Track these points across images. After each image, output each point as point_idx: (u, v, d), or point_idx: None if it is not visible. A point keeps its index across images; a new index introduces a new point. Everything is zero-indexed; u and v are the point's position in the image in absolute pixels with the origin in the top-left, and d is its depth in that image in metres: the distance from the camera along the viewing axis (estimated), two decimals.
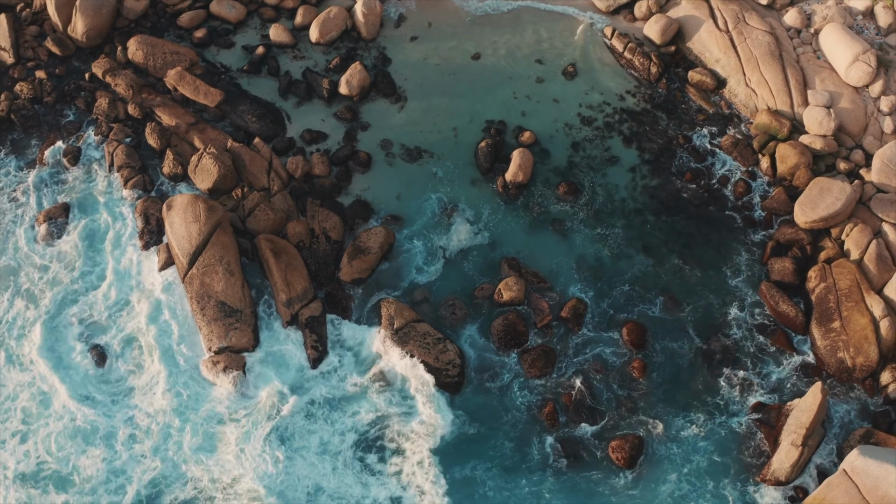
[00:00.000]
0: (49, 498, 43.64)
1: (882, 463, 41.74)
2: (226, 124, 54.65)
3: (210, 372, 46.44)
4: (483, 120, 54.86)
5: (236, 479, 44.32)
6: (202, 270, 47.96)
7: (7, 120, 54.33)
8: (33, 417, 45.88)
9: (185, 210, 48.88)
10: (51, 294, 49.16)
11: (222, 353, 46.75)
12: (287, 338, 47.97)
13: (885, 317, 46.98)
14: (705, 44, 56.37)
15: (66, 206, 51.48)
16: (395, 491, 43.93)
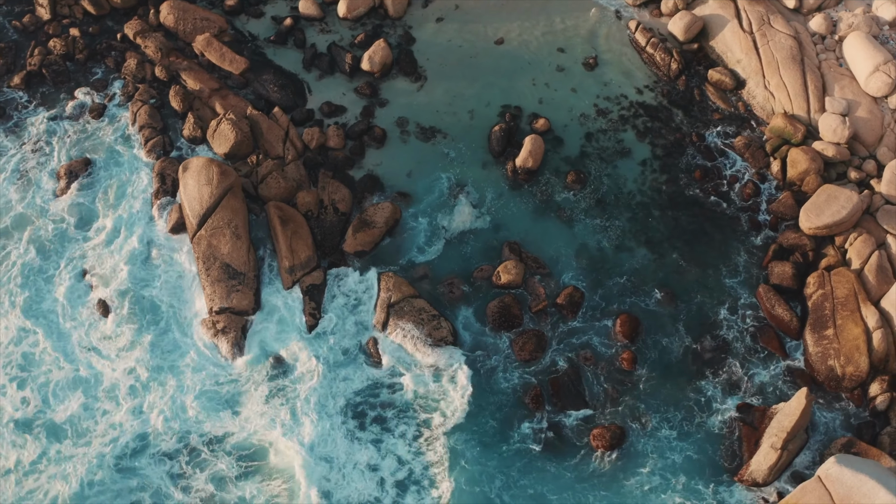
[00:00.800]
0: (41, 445, 44.88)
1: (857, 473, 41.53)
2: (248, 92, 55.58)
3: (209, 331, 47.46)
4: (500, 104, 55.09)
5: (226, 435, 45.26)
6: (210, 232, 48.91)
7: (39, 74, 55.76)
8: (34, 365, 47.17)
9: (200, 173, 49.88)
10: (63, 245, 50.44)
11: (223, 313, 47.70)
12: (286, 303, 48.89)
13: (879, 328, 46.56)
14: (728, 43, 55.96)
15: (87, 161, 52.81)
16: (373, 457, 44.49)
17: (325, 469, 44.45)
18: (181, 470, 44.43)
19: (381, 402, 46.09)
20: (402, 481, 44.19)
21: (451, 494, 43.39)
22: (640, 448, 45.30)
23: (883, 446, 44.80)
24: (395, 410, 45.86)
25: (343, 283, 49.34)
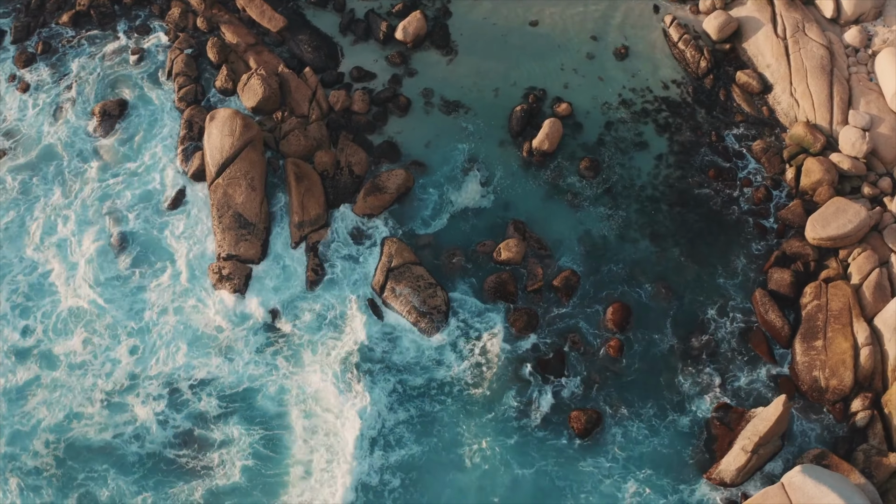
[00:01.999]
0: (36, 371, 46.69)
1: (820, 484, 41.18)
2: (283, 50, 56.34)
3: (214, 276, 48.69)
4: (526, 85, 54.98)
5: (215, 379, 46.61)
6: (227, 181, 49.97)
7: (86, 13, 57.26)
8: (41, 295, 48.85)
9: (224, 123, 50.81)
10: (87, 181, 52.04)
11: (230, 260, 48.86)
12: (292, 257, 49.87)
13: (868, 345, 45.84)
14: (760, 47, 55.03)
15: (122, 102, 54.22)
16: (358, 408, 45.53)
17: (311, 418, 45.72)
18: (167, 409, 45.68)
19: (371, 358, 46.85)
20: (375, 438, 44.96)
21: (412, 452, 44.50)
22: (613, 435, 45.46)
23: (856, 462, 44.24)
24: (382, 367, 46.64)
25: (347, 243, 50.42)
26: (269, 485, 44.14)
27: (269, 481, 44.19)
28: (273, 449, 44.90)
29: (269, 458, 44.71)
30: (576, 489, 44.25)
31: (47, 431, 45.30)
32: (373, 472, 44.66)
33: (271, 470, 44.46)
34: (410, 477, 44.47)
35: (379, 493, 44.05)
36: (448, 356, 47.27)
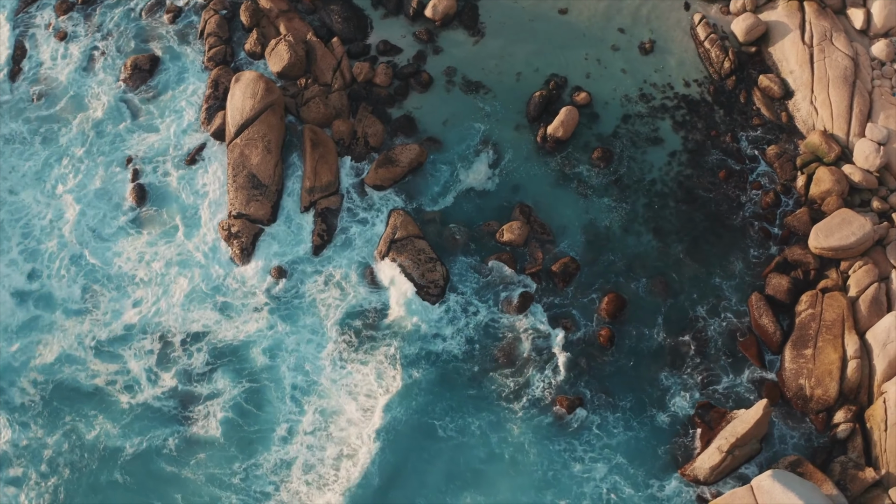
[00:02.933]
0: (35, 312, 48.21)
1: (788, 490, 40.94)
2: (314, 19, 56.70)
3: (223, 233, 49.61)
4: (548, 72, 54.68)
5: (209, 333, 47.74)
6: (244, 142, 50.70)
7: None
8: (51, 241, 50.20)
9: (247, 86, 51.51)
10: (113, 133, 53.22)
11: (240, 218, 49.74)
12: (299, 222, 50.55)
13: (856, 358, 45.20)
14: (785, 52, 54.03)
15: (153, 58, 55.31)
16: (348, 374, 46.56)
17: (303, 376, 46.67)
18: (160, 361, 46.92)
19: (366, 325, 47.58)
20: (368, 408, 45.80)
21: (395, 416, 45.43)
22: (592, 421, 45.57)
23: (832, 474, 43.82)
24: (376, 334, 47.32)
25: (356, 212, 50.98)
26: (251, 440, 45.19)
27: (251, 436, 45.26)
28: (258, 405, 45.88)
29: (253, 415, 45.70)
30: (546, 467, 44.71)
31: (37, 371, 46.70)
32: (355, 435, 45.37)
33: (254, 426, 45.42)
34: (388, 439, 45.12)
35: (352, 455, 44.79)
36: (442, 329, 47.77)
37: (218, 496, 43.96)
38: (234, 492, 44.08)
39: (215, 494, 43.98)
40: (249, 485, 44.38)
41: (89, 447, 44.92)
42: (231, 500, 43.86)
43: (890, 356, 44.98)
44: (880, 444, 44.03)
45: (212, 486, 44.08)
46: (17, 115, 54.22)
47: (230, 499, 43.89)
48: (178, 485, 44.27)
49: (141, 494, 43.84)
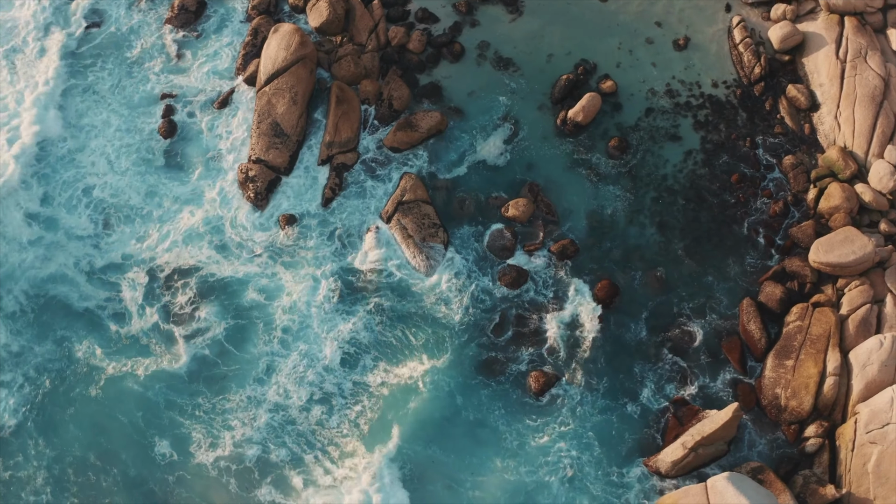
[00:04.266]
0: (41, 232, 49.56)
1: (740, 494, 40.56)
2: None
3: (241, 175, 50.44)
4: (579, 57, 54.10)
5: (209, 270, 48.71)
6: (273, 91, 51.36)
7: None
8: (73, 167, 51.42)
9: (283, 37, 52.13)
10: (152, 68, 54.30)
11: (258, 163, 50.54)
12: (315, 174, 51.16)
13: (835, 375, 44.35)
14: (818, 65, 52.59)
15: (200, 1, 55.96)
16: (342, 326, 47.16)
17: (293, 321, 47.50)
18: (150, 294, 48.05)
19: (362, 279, 48.19)
20: (350, 353, 46.63)
21: (374, 368, 46.31)
22: (565, 401, 45.67)
23: (794, 485, 43.28)
24: (370, 289, 47.96)
25: (369, 171, 51.25)
26: (225, 375, 46.35)
27: (229, 371, 46.48)
28: (241, 343, 46.99)
29: (235, 352, 46.83)
30: (512, 437, 45.04)
31: (35, 284, 48.18)
32: (332, 383, 46.24)
33: (234, 365, 46.67)
34: (364, 389, 46.01)
35: (323, 400, 45.76)
36: (433, 294, 48.04)
37: (180, 423, 45.18)
38: (200, 422, 45.23)
39: (176, 420, 45.19)
40: (213, 417, 45.44)
41: (73, 362, 46.46)
42: (192, 428, 45.10)
43: (868, 378, 44.12)
44: (846, 463, 43.30)
45: (172, 411, 45.28)
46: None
47: (192, 426, 45.11)
48: (145, 407, 45.57)
49: (109, 410, 45.22)
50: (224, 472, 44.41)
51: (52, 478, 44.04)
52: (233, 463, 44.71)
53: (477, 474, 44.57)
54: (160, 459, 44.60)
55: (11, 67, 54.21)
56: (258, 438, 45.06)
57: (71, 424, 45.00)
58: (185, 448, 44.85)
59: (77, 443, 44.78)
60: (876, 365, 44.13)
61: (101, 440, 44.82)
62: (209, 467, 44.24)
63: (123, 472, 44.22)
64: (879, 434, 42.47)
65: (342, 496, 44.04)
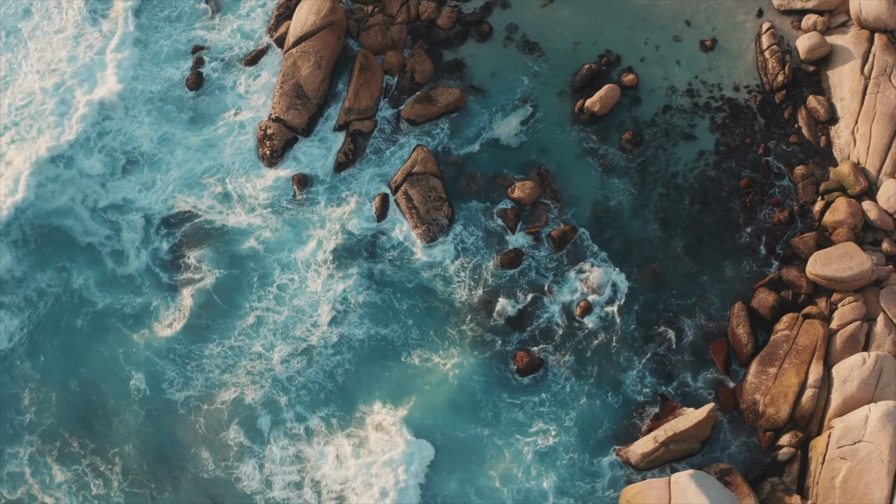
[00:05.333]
0: (56, 171, 50.80)
1: (701, 493, 40.33)
2: None
3: (259, 132, 51.01)
4: (604, 47, 53.44)
5: (213, 220, 49.44)
6: (299, 53, 51.73)
7: None
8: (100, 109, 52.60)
9: (315, 2, 52.24)
10: (184, 19, 54.86)
11: (277, 122, 51.04)
12: (331, 139, 51.47)
13: (815, 388, 43.74)
14: (841, 79, 51.38)
15: None
16: (337, 286, 47.77)
17: (292, 276, 48.27)
18: (148, 239, 49.01)
19: (364, 244, 48.62)
20: (340, 312, 47.24)
21: (363, 332, 46.79)
22: (547, 384, 45.71)
23: (761, 491, 42.92)
24: (371, 254, 48.41)
25: (384, 140, 51.40)
26: (209, 324, 47.24)
27: (216, 319, 47.44)
28: (231, 297, 47.86)
29: (229, 303, 47.65)
30: (488, 409, 45.34)
31: (40, 214, 49.31)
32: (318, 338, 46.85)
33: (222, 313, 47.50)
34: (344, 345, 46.56)
35: (305, 353, 46.49)
36: (430, 265, 48.29)
37: (156, 362, 46.26)
38: (175, 364, 46.28)
39: (153, 359, 46.27)
40: (190, 362, 46.49)
41: (69, 292, 47.70)
42: (167, 368, 46.19)
43: (846, 393, 43.37)
44: (814, 475, 42.74)
45: (150, 351, 46.38)
46: None
47: (166, 367, 46.21)
48: (127, 344, 46.68)
49: (93, 342, 46.54)
50: (194, 410, 45.43)
51: (35, 399, 45.54)
52: (204, 403, 45.67)
53: (448, 432, 45.02)
54: (134, 393, 45.77)
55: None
56: (233, 382, 45.96)
57: (58, 351, 46.45)
58: (158, 385, 45.96)
59: (62, 369, 46.25)
60: (856, 382, 43.42)
61: (83, 369, 46.18)
62: (179, 405, 45.33)
63: (101, 401, 45.57)
64: (850, 450, 41.88)
65: (310, 445, 44.83)
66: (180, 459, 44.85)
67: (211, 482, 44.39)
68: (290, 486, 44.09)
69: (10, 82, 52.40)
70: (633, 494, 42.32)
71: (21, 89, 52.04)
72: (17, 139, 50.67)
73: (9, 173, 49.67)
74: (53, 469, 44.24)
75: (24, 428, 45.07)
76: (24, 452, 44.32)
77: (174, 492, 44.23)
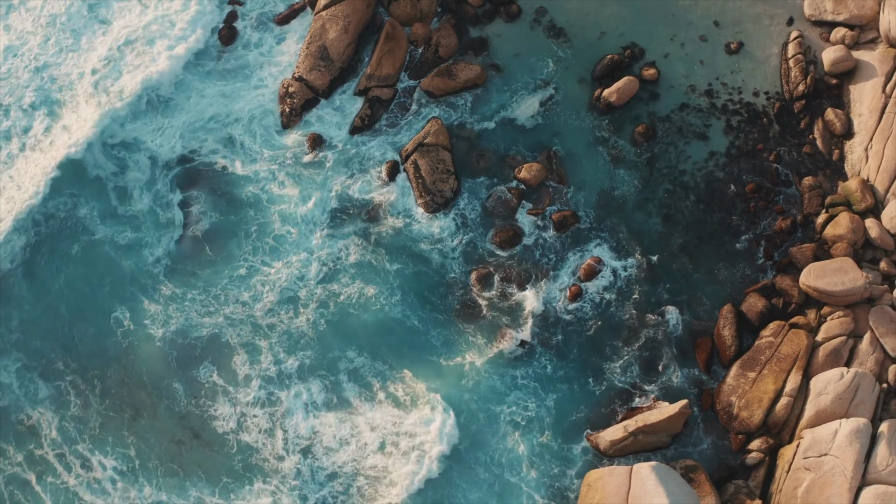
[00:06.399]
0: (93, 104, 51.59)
1: (660, 485, 40.25)
2: None
3: (282, 89, 51.43)
4: (629, 40, 52.72)
5: (222, 170, 50.45)
6: (328, 16, 51.91)
7: None
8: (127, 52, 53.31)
9: None
10: None
11: (300, 81, 51.35)
12: (349, 103, 51.71)
13: (790, 397, 43.19)
14: (863, 95, 50.10)
15: None
16: (333, 245, 48.32)
17: (290, 229, 48.80)
18: (151, 181, 49.84)
19: (363, 205, 49.04)
20: (332, 269, 47.87)
21: (344, 284, 47.44)
22: (528, 363, 45.71)
23: (724, 492, 42.66)
24: (369, 216, 48.72)
25: (401, 109, 51.42)
26: (196, 271, 48.16)
27: (206, 265, 48.34)
28: (225, 240, 48.66)
29: (222, 249, 48.53)
30: (469, 374, 45.44)
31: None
32: (304, 291, 47.52)
33: (215, 259, 48.40)
34: (330, 297, 47.24)
35: (293, 301, 47.21)
36: (428, 235, 48.43)
37: (141, 298, 47.35)
38: (159, 303, 47.29)
39: (137, 296, 47.35)
40: (176, 302, 47.43)
41: (73, 219, 48.86)
42: (151, 305, 47.21)
43: (820, 406, 42.68)
44: (778, 483, 42.26)
45: (135, 287, 47.44)
46: None
47: (150, 304, 47.23)
48: (117, 277, 47.96)
49: (86, 271, 47.81)
50: (169, 344, 46.41)
51: (24, 321, 46.93)
52: (180, 338, 46.65)
53: (424, 382, 45.58)
54: (115, 325, 46.90)
55: None
56: (212, 324, 46.78)
57: (53, 275, 47.75)
58: (140, 319, 46.92)
59: (53, 292, 47.54)
60: (831, 395, 42.71)
61: (73, 296, 47.44)
62: (157, 339, 46.35)
63: (85, 327, 46.83)
64: (815, 462, 41.30)
65: (284, 388, 45.61)
66: (159, 391, 45.88)
67: (187, 416, 45.40)
68: (262, 432, 44.82)
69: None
70: (594, 479, 42.30)
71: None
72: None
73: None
74: (38, 384, 45.70)
75: (13, 345, 46.43)
76: (13, 367, 45.81)
77: (152, 419, 45.32)
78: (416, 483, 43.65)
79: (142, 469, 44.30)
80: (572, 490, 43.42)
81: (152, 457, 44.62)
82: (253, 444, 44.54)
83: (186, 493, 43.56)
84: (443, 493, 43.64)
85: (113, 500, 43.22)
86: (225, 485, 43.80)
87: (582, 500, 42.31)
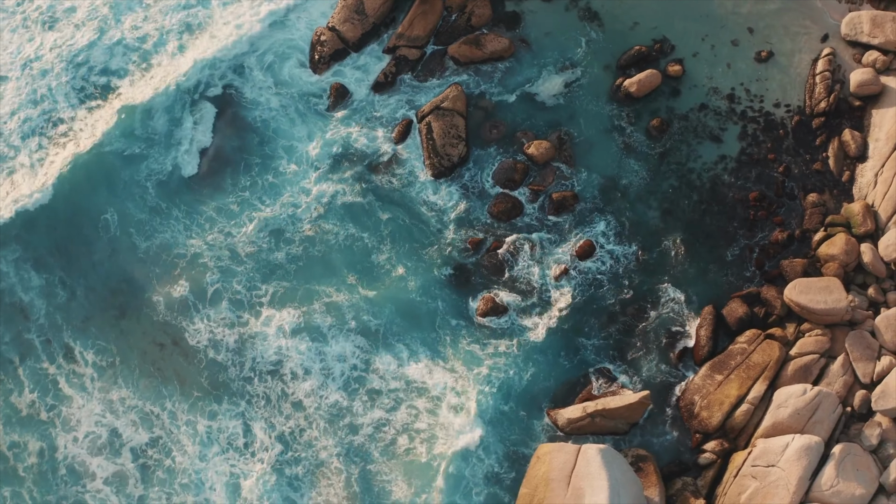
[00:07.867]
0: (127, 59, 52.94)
1: (604, 468, 39.96)
2: None
3: (315, 36, 51.90)
4: (661, 34, 51.73)
5: (238, 85, 51.68)
6: None
7: None
8: None
9: None
10: None
11: (332, 31, 51.71)
12: (376, 60, 52.04)
13: (751, 405, 42.44)
14: (883, 120, 48.36)
15: None
16: (335, 187, 48.82)
17: (295, 168, 49.57)
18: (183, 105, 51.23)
19: (371, 155, 49.46)
20: (326, 208, 48.45)
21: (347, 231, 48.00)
22: (506, 332, 45.62)
23: (671, 486, 42.30)
24: (374, 168, 49.21)
25: (425, 71, 51.34)
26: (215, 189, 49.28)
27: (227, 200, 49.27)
28: (223, 172, 49.65)
29: (224, 181, 49.54)
30: (451, 333, 45.78)
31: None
32: (307, 221, 48.26)
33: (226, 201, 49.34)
34: (324, 243, 47.84)
35: (289, 241, 47.93)
36: (428, 196, 48.59)
37: (162, 226, 48.66)
38: (170, 229, 48.61)
39: (155, 224, 48.64)
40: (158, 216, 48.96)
41: (98, 142, 50.21)
42: (169, 230, 48.42)
43: (777, 418, 41.84)
44: (725, 486, 41.69)
45: (155, 214, 48.83)
46: None
47: (165, 230, 48.48)
48: (115, 186, 49.35)
49: (87, 175, 49.31)
50: (153, 259, 47.66)
51: (25, 214, 48.50)
52: (163, 254, 47.93)
53: (397, 333, 45.92)
54: (104, 229, 48.29)
55: None
56: (195, 245, 47.90)
57: (56, 179, 49.25)
58: (126, 228, 48.23)
59: (53, 194, 49.03)
60: (790, 409, 41.78)
61: (71, 194, 48.81)
62: (140, 251, 47.81)
63: (77, 226, 48.59)
64: (762, 472, 40.58)
65: (254, 315, 46.43)
66: (142, 298, 47.08)
67: (165, 325, 46.47)
68: (230, 350, 45.73)
69: None
70: (544, 452, 42.16)
71: None
72: None
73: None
74: (31, 273, 47.39)
75: (12, 238, 47.98)
76: (10, 256, 47.52)
77: (136, 322, 46.65)
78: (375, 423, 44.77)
79: (122, 366, 45.60)
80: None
81: (132, 356, 45.89)
82: (222, 362, 45.48)
83: (162, 402, 44.69)
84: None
85: (91, 398, 44.75)
86: (196, 400, 44.84)
87: (530, 470, 42.36)
